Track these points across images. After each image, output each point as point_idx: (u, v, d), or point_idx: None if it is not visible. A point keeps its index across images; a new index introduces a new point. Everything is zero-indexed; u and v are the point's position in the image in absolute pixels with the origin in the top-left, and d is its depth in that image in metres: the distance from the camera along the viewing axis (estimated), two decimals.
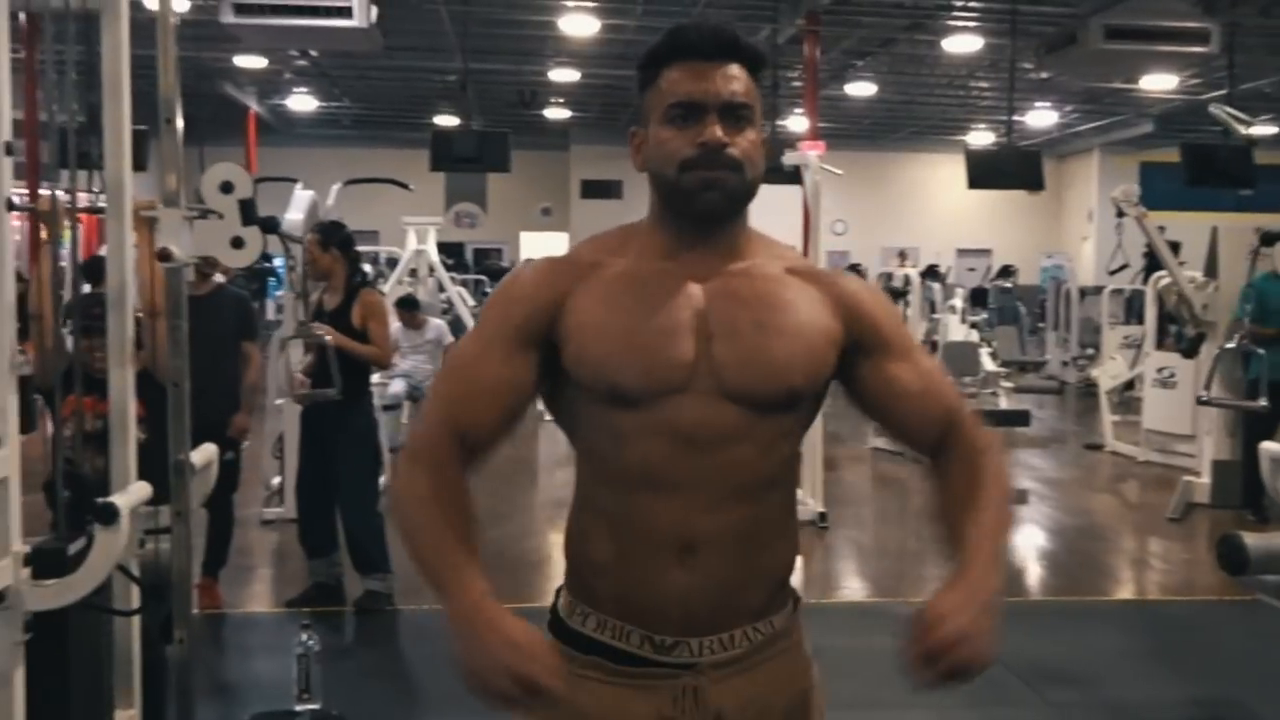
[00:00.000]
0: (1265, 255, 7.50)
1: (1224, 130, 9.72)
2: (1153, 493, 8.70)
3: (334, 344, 5.17)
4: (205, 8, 10.03)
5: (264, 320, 9.04)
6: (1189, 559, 6.94)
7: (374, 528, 5.36)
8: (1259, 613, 4.76)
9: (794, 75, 13.40)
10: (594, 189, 17.28)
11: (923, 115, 18.37)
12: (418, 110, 17.58)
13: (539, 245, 18.69)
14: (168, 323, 2.98)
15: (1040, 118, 17.61)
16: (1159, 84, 13.76)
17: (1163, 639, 5.46)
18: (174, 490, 2.93)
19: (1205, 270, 8.43)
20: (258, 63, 14.11)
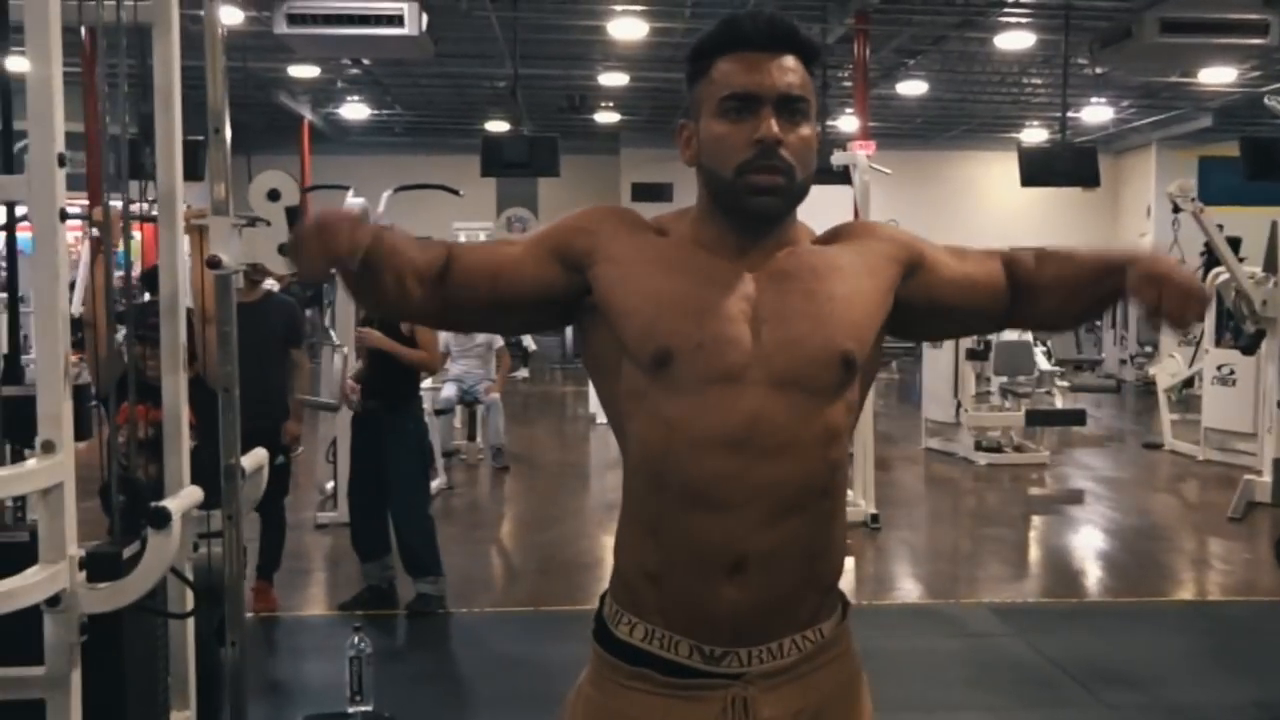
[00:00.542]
0: None
1: None
2: (1213, 492, 8.57)
3: (381, 348, 5.22)
4: (260, 19, 10.17)
5: (320, 327, 9.17)
6: (1250, 559, 6.82)
7: (426, 531, 5.42)
8: None
9: (844, 75, 13.32)
10: (644, 192, 17.24)
11: (975, 113, 18.16)
12: (468, 116, 17.65)
13: None
14: (217, 329, 3.03)
15: (1095, 113, 17.34)
16: (1217, 77, 13.49)
17: (1223, 640, 5.36)
18: (225, 494, 2.97)
19: (1265, 266, 8.30)
20: (311, 72, 14.26)
